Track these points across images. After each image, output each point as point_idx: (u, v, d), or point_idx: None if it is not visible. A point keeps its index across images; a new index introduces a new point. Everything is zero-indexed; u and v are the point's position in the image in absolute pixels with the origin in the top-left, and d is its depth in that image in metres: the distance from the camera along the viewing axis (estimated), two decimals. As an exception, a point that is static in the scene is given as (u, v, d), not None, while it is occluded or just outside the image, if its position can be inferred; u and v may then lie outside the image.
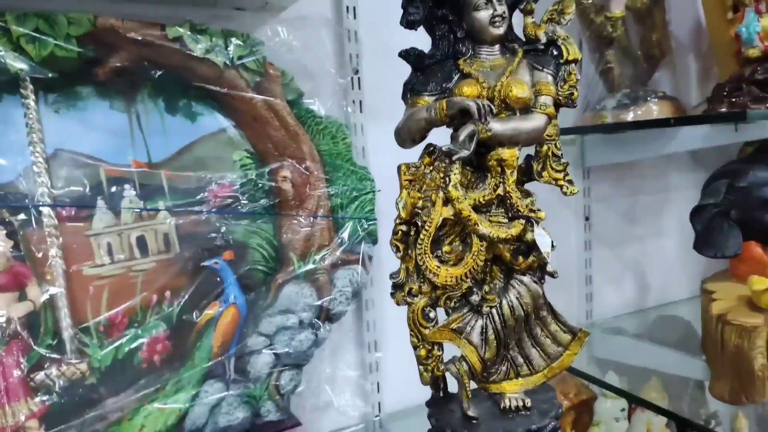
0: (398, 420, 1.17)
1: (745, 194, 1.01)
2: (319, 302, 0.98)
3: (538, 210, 0.72)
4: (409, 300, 0.72)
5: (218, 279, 0.94)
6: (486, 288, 0.73)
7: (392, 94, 0.75)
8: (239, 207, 0.95)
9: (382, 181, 1.06)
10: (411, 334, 0.73)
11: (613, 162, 1.31)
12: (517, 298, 0.73)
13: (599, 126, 1.08)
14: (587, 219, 1.41)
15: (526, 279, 0.73)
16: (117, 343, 0.87)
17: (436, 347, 0.73)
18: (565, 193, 0.74)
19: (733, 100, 0.97)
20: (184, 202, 0.92)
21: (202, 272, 0.94)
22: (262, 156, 0.98)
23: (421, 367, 0.74)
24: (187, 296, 0.92)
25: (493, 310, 0.73)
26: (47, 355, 0.78)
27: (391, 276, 0.74)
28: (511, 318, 0.73)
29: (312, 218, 1.00)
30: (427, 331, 0.72)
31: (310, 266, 0.99)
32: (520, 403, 0.75)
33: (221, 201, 0.94)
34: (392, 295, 0.75)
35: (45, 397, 0.76)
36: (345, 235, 1.03)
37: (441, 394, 0.80)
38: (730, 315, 0.95)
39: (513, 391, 0.76)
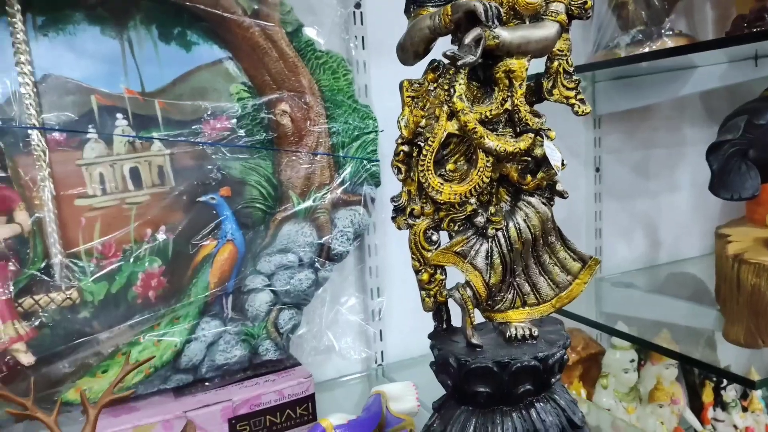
0: (402, 369, 1.14)
1: (765, 132, 0.96)
2: (319, 241, 0.95)
3: (549, 129, 0.69)
4: (410, 222, 0.69)
5: (215, 215, 0.91)
6: (491, 209, 0.69)
7: (396, 30, 0.71)
8: (236, 141, 0.92)
9: (386, 122, 1.03)
10: (413, 258, 0.70)
11: (625, 109, 1.27)
12: (524, 220, 0.69)
13: (612, 61, 1.03)
14: (597, 170, 1.37)
15: (534, 200, 0.69)
16: (110, 277, 0.84)
17: (438, 271, 0.70)
18: (576, 113, 0.70)
19: (755, 30, 0.92)
20: (179, 133, 0.88)
21: (198, 207, 0.91)
22: (260, 89, 0.94)
23: (423, 293, 0.70)
24: (182, 231, 0.89)
25: (499, 233, 0.69)
26: (37, 278, 0.76)
27: (392, 199, 0.70)
28: (518, 241, 0.69)
29: (312, 155, 0.96)
30: (429, 254, 0.69)
31: (310, 204, 0.96)
32: (527, 332, 0.72)
33: (217, 134, 0.91)
34: (393, 219, 0.71)
35: (33, 321, 0.74)
36: (346, 174, 1.00)
37: (444, 326, 0.77)
38: (747, 254, 0.91)
39: (519, 320, 0.73)
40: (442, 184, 0.66)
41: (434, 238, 0.70)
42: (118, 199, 0.86)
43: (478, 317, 0.74)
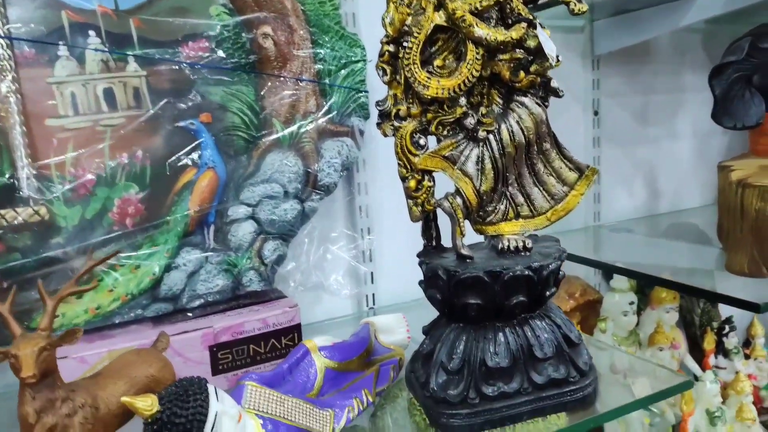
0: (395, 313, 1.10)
1: (770, 56, 0.92)
2: (304, 170, 0.91)
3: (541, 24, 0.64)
4: (396, 125, 0.65)
5: (194, 141, 0.87)
6: (482, 110, 0.66)
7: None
8: (217, 63, 0.87)
9: (375, 52, 0.98)
10: (399, 165, 0.66)
11: (625, 45, 1.22)
12: (517, 122, 0.65)
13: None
14: (596, 114, 1.32)
15: (528, 100, 0.65)
16: (84, 201, 0.80)
17: (426, 177, 0.66)
18: (572, 11, 0.66)
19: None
20: (155, 52, 0.84)
21: (176, 133, 0.86)
22: (241, 10, 0.89)
23: (410, 201, 0.67)
24: (160, 157, 0.85)
25: (491, 137, 0.65)
26: (2, 191, 0.72)
27: (378, 104, 0.67)
28: (511, 145, 0.65)
29: (296, 81, 0.92)
30: (416, 159, 0.65)
31: (295, 131, 0.91)
32: (520, 244, 0.68)
33: (197, 56, 0.87)
34: (378, 125, 0.67)
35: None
36: (333, 103, 0.95)
37: (434, 244, 0.73)
38: (752, 179, 0.87)
39: (512, 232, 0.69)
40: (429, 78, 0.62)
41: (422, 142, 0.66)
42: (91, 121, 0.81)
43: (470, 237, 0.70)
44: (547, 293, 0.67)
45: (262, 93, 0.91)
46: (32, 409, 0.46)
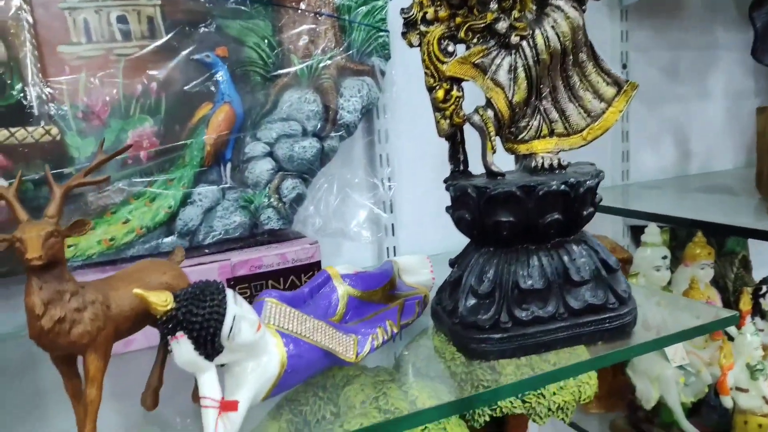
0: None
1: (816, -15, 0.87)
2: (323, 108, 0.88)
3: None
4: (422, 29, 0.61)
5: (210, 75, 0.84)
6: (515, 14, 0.61)
7: None
8: (232, -6, 0.84)
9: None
10: (426, 73, 0.62)
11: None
12: (552, 27, 0.61)
13: None
14: (624, 67, 1.27)
15: (563, 3, 0.61)
16: (98, 133, 0.77)
17: (455, 87, 0.62)
18: None
19: None
20: (170, -21, 0.81)
21: (192, 66, 0.83)
22: (258, -60, 0.86)
23: (438, 114, 0.63)
24: (176, 90, 0.82)
25: (524, 44, 0.61)
26: (13, 108, 0.69)
27: (403, 11, 0.63)
28: (545, 52, 0.61)
29: (315, 14, 0.89)
30: (444, 66, 0.61)
31: (314, 68, 0.88)
32: (554, 162, 0.64)
33: (212, -13, 0.84)
34: (404, 35, 0.63)
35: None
36: (353, 41, 0.92)
37: (461, 168, 0.69)
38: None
39: (545, 150, 0.65)
40: (458, -26, 0.58)
41: (450, 48, 0.62)
42: (104, 50, 0.79)
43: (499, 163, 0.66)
44: (584, 213, 0.63)
45: (279, 27, 0.88)
46: (39, 300, 0.43)
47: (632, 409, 1.16)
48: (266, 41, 0.87)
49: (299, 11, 0.88)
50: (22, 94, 0.70)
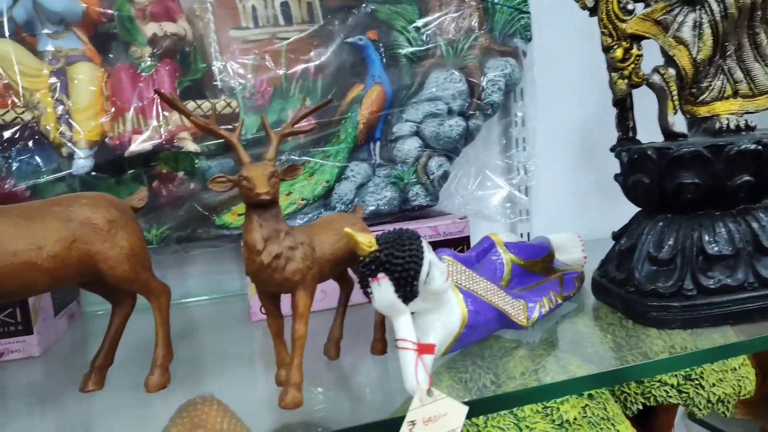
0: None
1: None
2: (468, 88, 0.89)
3: None
4: (602, -11, 0.60)
5: (362, 57, 0.87)
6: (702, -32, 0.59)
7: None
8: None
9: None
10: (603, 33, 0.61)
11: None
12: (742, -20, 0.58)
13: None
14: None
15: (756, -46, 0.58)
16: (262, 111, 0.82)
17: (635, 46, 0.61)
18: None
19: None
20: (328, -33, 0.85)
21: (345, 49, 0.87)
22: (409, -75, 0.89)
23: (615, 74, 0.62)
24: (330, 72, 0.86)
25: (710, -1, 0.59)
26: (198, 83, 0.75)
27: (577, -26, 0.62)
28: (734, 6, 0.59)
29: (460, -2, 0.90)
30: (624, 25, 0.60)
31: (459, 49, 0.89)
32: (741, 123, 0.61)
33: (364, -27, 0.87)
34: (577, -5, 0.63)
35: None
36: (496, 22, 0.92)
37: (629, 136, 0.67)
38: None
39: (728, 111, 0.62)
40: (645, -72, 0.57)
41: (629, 6, 0.61)
42: (269, 34, 0.84)
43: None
44: (776, 176, 0.59)
45: (425, 10, 0.90)
46: (260, 236, 0.46)
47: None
48: (413, 24, 0.90)
49: (446, -6, 0.90)
50: (206, 70, 0.76)
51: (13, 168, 0.66)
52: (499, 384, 0.69)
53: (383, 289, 0.48)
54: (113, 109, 0.68)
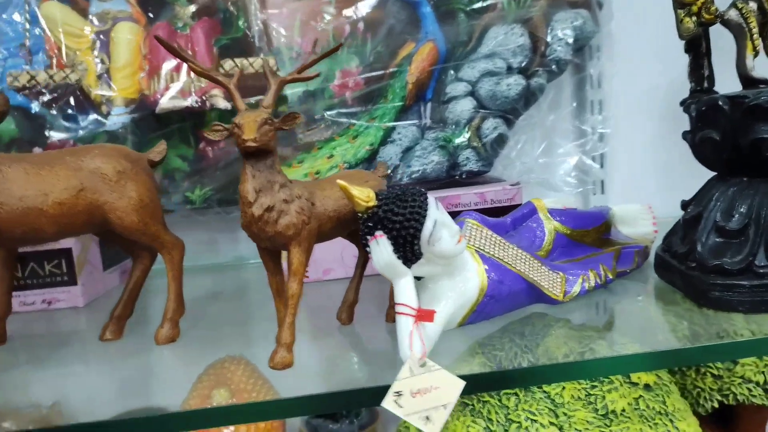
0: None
1: None
2: (531, 43, 0.81)
3: None
4: None
5: (414, 14, 0.82)
6: None
7: None
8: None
9: None
10: (667, -38, 0.52)
11: None
12: None
13: None
14: None
15: None
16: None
17: (706, -25, 0.51)
18: None
19: None
20: None
21: (398, 6, 0.82)
22: None
23: (682, 12, 0.52)
24: (381, 31, 0.82)
25: None
26: (238, 42, 0.74)
27: None
28: None
29: (526, -58, 0.82)
30: (692, -49, 0.50)
31: (522, 1, 0.81)
32: None
33: None
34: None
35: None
36: (567, -30, 0.83)
37: (704, 86, 0.57)
38: None
39: (831, 53, 0.51)
40: None
41: (701, -71, 0.51)
42: (317, -8, 0.81)
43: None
44: None
45: (486, -41, 0.83)
46: (252, 187, 0.44)
47: None
48: (472, -24, 0.83)
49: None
50: (246, 29, 0.75)
51: (59, 125, 0.69)
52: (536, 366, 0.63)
53: (381, 248, 0.44)
54: (148, 67, 0.69)
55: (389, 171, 0.78)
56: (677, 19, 0.53)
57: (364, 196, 0.44)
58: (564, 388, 0.62)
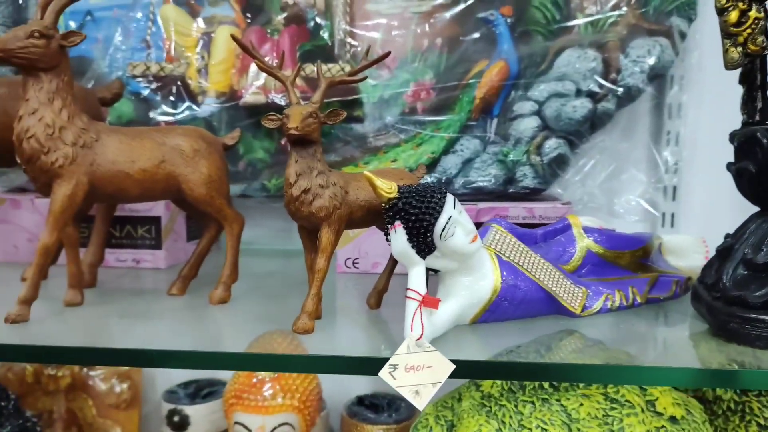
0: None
1: None
2: (603, 67, 0.82)
3: None
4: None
5: (491, 32, 0.86)
6: None
7: None
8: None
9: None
10: (718, -9, 0.53)
11: None
12: None
13: None
14: None
15: None
16: (386, 81, 0.87)
17: (755, 7, 0.51)
18: None
19: None
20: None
21: (476, 24, 0.87)
22: None
23: (728, 41, 0.53)
24: (457, 46, 0.87)
25: None
26: (321, 49, 0.83)
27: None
28: None
29: (610, -30, 0.83)
30: (743, -18, 0.51)
31: (599, 25, 0.83)
32: None
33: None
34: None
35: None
36: (650, -2, 0.83)
37: (756, 119, 0.57)
38: None
39: None
40: None
41: (754, -38, 0.51)
42: (401, 7, 0.88)
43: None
44: None
45: (567, -16, 0.85)
46: (293, 171, 0.51)
47: None
48: (552, 1, 0.86)
49: (591, -34, 0.84)
50: (329, 38, 0.83)
51: (162, 110, 0.81)
52: (557, 388, 0.65)
53: (398, 237, 0.49)
54: (239, 66, 0.80)
55: (443, 179, 0.83)
56: (723, 49, 0.53)
57: (387, 187, 0.49)
58: (582, 404, 0.63)
